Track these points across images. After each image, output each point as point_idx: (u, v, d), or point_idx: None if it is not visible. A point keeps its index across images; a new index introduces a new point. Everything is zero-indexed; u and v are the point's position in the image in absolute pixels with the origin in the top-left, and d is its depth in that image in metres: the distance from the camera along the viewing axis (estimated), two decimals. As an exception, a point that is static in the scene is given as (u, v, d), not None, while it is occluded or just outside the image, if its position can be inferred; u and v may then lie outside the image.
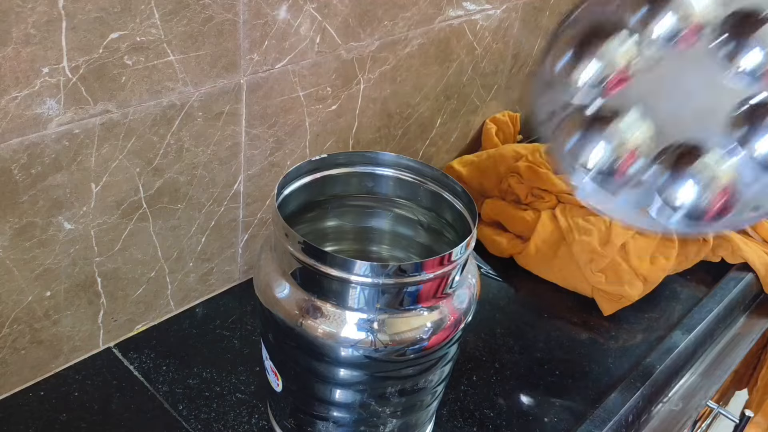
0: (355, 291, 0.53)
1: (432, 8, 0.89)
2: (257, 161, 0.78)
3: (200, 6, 0.63)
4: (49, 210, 0.62)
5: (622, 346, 0.84)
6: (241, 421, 0.69)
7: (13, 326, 0.65)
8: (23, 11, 0.53)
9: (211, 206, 0.76)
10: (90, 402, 0.69)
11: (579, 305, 0.89)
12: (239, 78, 0.71)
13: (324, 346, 0.54)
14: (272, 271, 0.57)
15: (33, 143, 0.58)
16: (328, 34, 0.77)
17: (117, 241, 0.69)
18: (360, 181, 0.66)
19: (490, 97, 1.11)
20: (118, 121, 0.63)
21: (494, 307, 0.88)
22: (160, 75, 0.64)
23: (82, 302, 0.70)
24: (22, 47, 0.54)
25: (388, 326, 0.54)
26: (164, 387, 0.71)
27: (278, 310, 0.56)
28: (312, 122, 0.82)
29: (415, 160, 0.65)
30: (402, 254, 0.71)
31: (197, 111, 0.69)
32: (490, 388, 0.76)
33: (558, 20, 0.67)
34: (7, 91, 0.55)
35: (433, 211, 0.66)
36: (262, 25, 0.70)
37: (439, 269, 0.53)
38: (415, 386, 0.59)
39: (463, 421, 0.72)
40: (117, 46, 0.59)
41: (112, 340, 0.76)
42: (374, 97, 0.88)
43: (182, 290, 0.80)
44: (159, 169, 0.69)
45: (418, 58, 0.91)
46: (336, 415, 0.61)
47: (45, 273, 0.65)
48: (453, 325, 0.56)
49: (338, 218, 0.69)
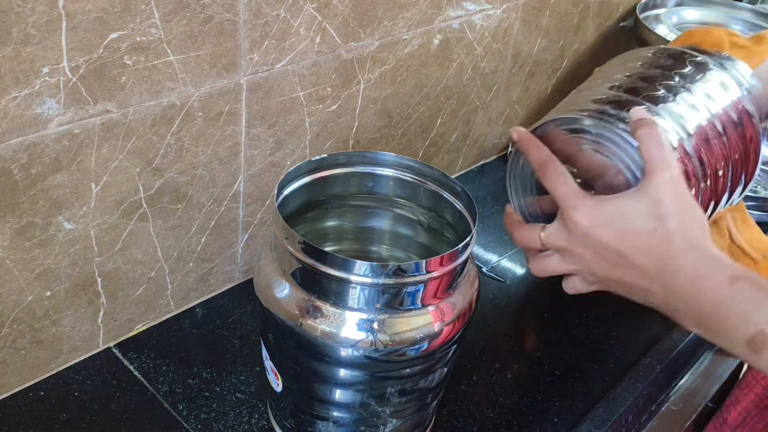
0: (355, 291, 0.53)
1: (432, 8, 0.89)
2: (257, 161, 0.78)
3: (200, 6, 0.63)
4: (49, 210, 0.62)
5: (622, 346, 0.84)
6: (241, 421, 0.69)
7: (13, 326, 0.65)
8: (23, 11, 0.53)
9: (211, 206, 0.76)
10: (90, 402, 0.69)
11: (579, 305, 0.89)
12: (239, 78, 0.71)
13: (324, 346, 0.54)
14: (272, 271, 0.57)
15: (33, 143, 0.58)
16: (328, 34, 0.77)
17: (117, 241, 0.69)
18: (360, 181, 0.66)
19: (490, 97, 1.11)
20: (118, 121, 0.63)
21: (494, 307, 0.88)
22: (160, 75, 0.64)
23: (82, 302, 0.70)
24: (22, 47, 0.54)
25: (388, 326, 0.54)
26: (164, 387, 0.71)
27: (278, 310, 0.56)
28: (312, 122, 0.82)
29: (415, 160, 0.65)
30: (402, 254, 0.71)
31: (197, 111, 0.69)
32: (490, 388, 0.76)
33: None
34: (7, 91, 0.55)
35: (433, 211, 0.66)
36: (262, 25, 0.70)
37: (440, 269, 0.53)
38: (415, 386, 0.59)
39: (463, 421, 0.72)
40: (117, 46, 0.59)
41: (112, 340, 0.76)
42: (374, 97, 0.88)
43: (182, 290, 0.80)
44: (159, 169, 0.69)
45: (418, 58, 0.91)
46: (336, 415, 0.61)
47: (45, 273, 0.65)
48: (453, 325, 0.56)
49: (338, 218, 0.69)
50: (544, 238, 0.54)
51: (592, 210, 0.51)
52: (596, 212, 0.51)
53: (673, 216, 0.49)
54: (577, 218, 0.51)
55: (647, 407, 0.77)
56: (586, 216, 0.51)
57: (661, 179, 0.50)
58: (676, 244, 0.49)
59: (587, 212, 0.51)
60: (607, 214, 0.51)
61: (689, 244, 0.49)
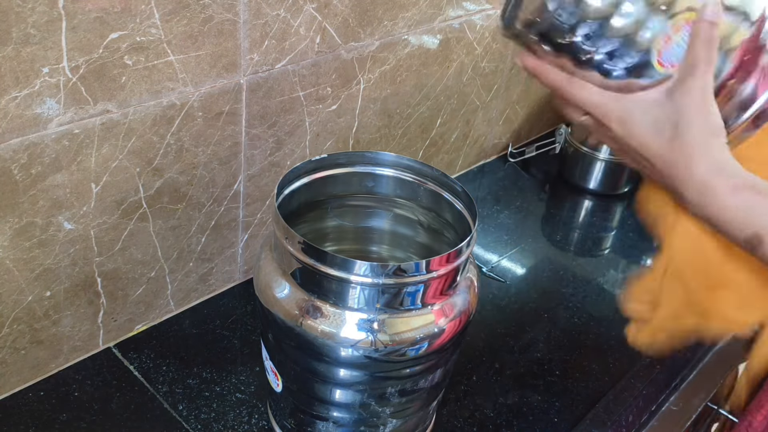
0: (355, 291, 0.53)
1: (432, 8, 0.89)
2: (257, 161, 0.78)
3: (200, 6, 0.63)
4: (49, 210, 0.62)
5: (621, 346, 0.84)
6: (241, 421, 0.69)
7: (13, 326, 0.65)
8: (23, 11, 0.53)
9: (211, 206, 0.76)
10: (90, 402, 0.69)
11: (579, 305, 0.89)
12: (239, 78, 0.71)
13: (324, 346, 0.54)
14: (272, 271, 0.57)
15: (33, 143, 0.58)
16: (328, 34, 0.77)
17: (117, 241, 0.69)
18: (360, 181, 0.66)
19: (490, 97, 1.11)
20: (118, 121, 0.63)
21: (494, 307, 0.88)
22: (160, 75, 0.64)
23: (82, 302, 0.70)
24: (22, 47, 0.54)
25: (388, 326, 0.54)
26: (164, 387, 0.71)
27: (278, 310, 0.56)
28: (312, 122, 0.82)
29: (415, 160, 0.65)
30: (402, 254, 0.71)
31: (197, 111, 0.69)
32: (490, 388, 0.76)
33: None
34: (7, 91, 0.55)
35: (433, 211, 0.66)
36: (262, 25, 0.70)
37: (440, 269, 0.53)
38: (415, 386, 0.59)
39: (463, 421, 0.72)
40: (117, 46, 0.59)
41: (112, 340, 0.76)
42: (374, 97, 0.88)
43: (182, 290, 0.80)
44: (159, 169, 0.69)
45: (418, 58, 0.91)
46: (336, 415, 0.61)
47: (45, 273, 0.65)
48: (453, 325, 0.56)
49: (338, 218, 0.69)
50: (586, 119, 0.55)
51: (623, 113, 0.52)
52: (621, 109, 0.52)
53: (693, 127, 0.50)
54: (610, 123, 0.53)
55: (647, 407, 0.77)
56: (613, 121, 0.53)
57: (693, 85, 0.50)
58: (690, 156, 0.51)
59: (619, 115, 0.52)
60: (630, 113, 0.52)
61: (704, 156, 0.51)
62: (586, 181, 1.18)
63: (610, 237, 1.10)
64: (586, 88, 0.54)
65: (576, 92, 0.54)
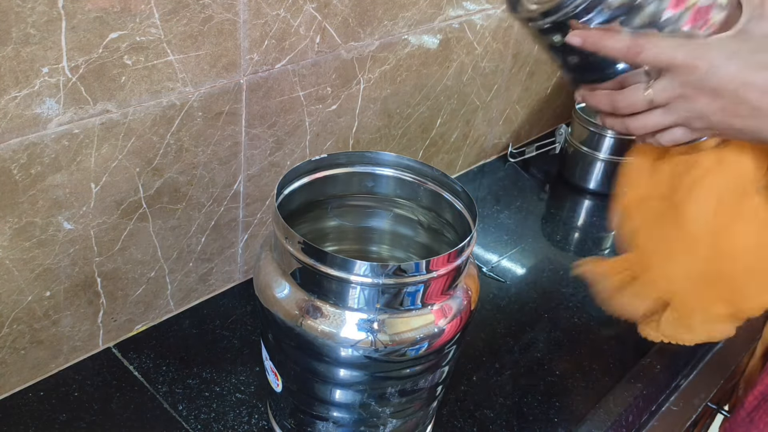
0: (355, 291, 0.53)
1: (432, 8, 0.89)
2: (257, 161, 0.78)
3: (200, 6, 0.63)
4: (49, 210, 0.62)
5: (622, 346, 0.84)
6: (241, 421, 0.69)
7: (13, 326, 0.65)
8: (23, 11, 0.53)
9: (211, 206, 0.76)
10: (90, 402, 0.69)
11: (579, 305, 0.89)
12: (239, 78, 0.71)
13: (324, 346, 0.54)
14: (272, 271, 0.57)
15: (33, 143, 0.58)
16: (328, 34, 0.77)
17: (117, 241, 0.69)
18: (360, 181, 0.66)
19: (490, 97, 1.11)
20: (117, 121, 0.63)
21: (494, 307, 0.88)
22: (159, 75, 0.64)
23: (81, 302, 0.70)
24: (22, 47, 0.54)
25: (388, 326, 0.54)
26: (164, 387, 0.71)
27: (278, 310, 0.56)
28: (312, 122, 0.82)
29: (415, 160, 0.65)
30: (402, 254, 0.71)
31: (197, 111, 0.69)
32: (490, 388, 0.76)
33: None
34: (7, 91, 0.55)
35: (433, 211, 0.66)
36: (262, 25, 0.70)
37: (440, 269, 0.53)
38: (415, 386, 0.59)
39: (463, 421, 0.72)
40: (117, 46, 0.59)
41: (112, 340, 0.76)
42: (374, 97, 0.88)
43: (182, 290, 0.80)
44: (159, 169, 0.69)
45: (418, 58, 0.91)
46: (336, 415, 0.61)
47: (45, 273, 0.65)
48: (453, 325, 0.56)
49: (338, 218, 0.69)
50: (653, 93, 0.53)
51: (705, 52, 0.50)
52: (711, 53, 0.50)
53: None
54: (696, 63, 0.50)
55: (647, 407, 0.77)
56: (701, 59, 0.50)
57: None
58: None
59: (702, 54, 0.50)
60: (725, 52, 0.50)
61: None
62: (586, 181, 1.18)
63: (610, 237, 1.10)
64: (657, 43, 0.50)
65: (650, 48, 0.50)
